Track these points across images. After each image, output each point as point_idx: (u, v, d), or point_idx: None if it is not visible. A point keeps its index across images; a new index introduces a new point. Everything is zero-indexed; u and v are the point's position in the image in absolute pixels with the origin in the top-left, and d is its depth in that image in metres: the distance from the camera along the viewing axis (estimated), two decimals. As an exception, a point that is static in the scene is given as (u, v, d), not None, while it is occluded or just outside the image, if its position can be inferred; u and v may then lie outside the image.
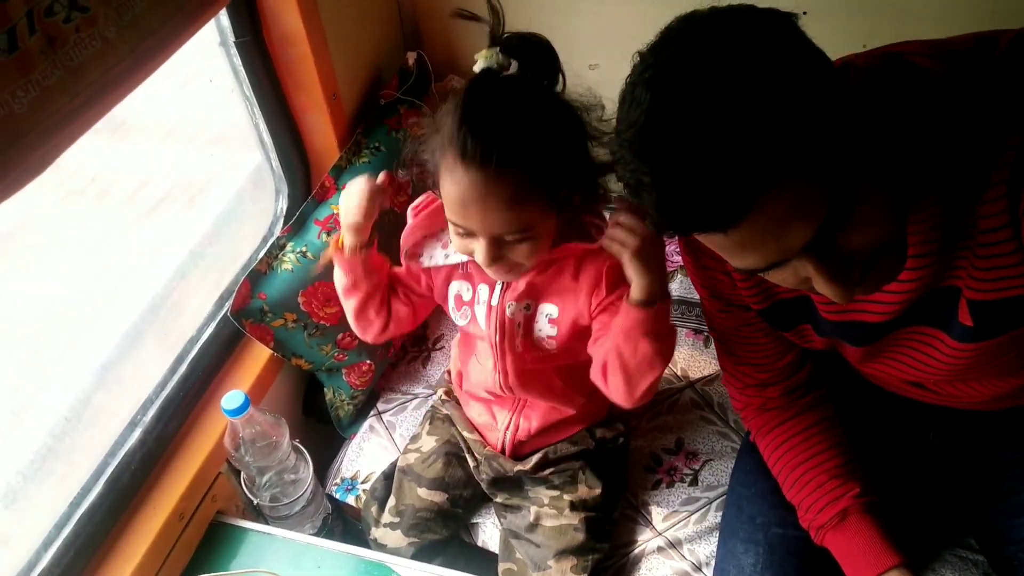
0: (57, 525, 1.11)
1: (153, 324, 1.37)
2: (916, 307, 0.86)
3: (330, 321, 1.41)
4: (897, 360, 0.96)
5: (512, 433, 1.27)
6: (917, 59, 0.75)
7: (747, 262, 0.71)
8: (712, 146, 0.61)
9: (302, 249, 1.38)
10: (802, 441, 1.06)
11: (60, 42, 0.72)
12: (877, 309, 0.88)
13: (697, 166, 0.62)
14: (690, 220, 0.66)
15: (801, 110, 0.61)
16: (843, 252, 0.69)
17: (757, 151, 0.61)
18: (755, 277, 0.95)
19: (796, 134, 0.61)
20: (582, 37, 1.64)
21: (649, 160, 0.64)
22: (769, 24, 0.63)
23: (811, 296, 0.94)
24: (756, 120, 0.60)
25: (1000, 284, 0.76)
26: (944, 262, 0.80)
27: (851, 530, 1.00)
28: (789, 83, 0.61)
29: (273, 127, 1.41)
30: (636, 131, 0.64)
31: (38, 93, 0.71)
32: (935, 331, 0.87)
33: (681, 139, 0.62)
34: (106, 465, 1.18)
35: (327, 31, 1.40)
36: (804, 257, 0.69)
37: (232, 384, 1.35)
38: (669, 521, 1.30)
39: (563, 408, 1.26)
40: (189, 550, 1.24)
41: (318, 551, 1.23)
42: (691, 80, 0.61)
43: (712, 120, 0.60)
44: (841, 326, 0.94)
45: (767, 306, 0.98)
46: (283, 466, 1.29)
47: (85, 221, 1.40)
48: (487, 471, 1.30)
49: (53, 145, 0.73)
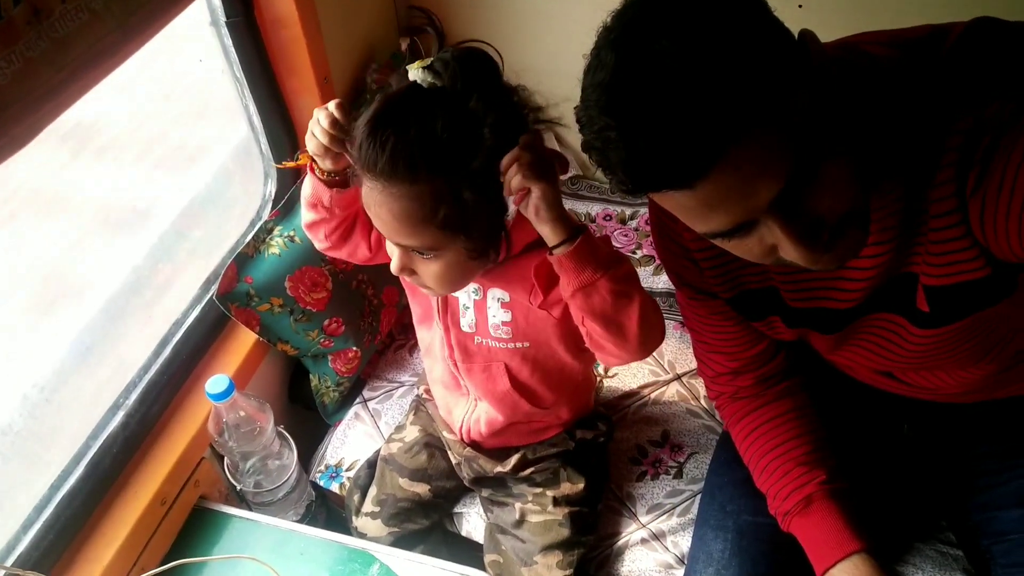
0: (37, 508, 1.09)
1: (138, 306, 1.35)
2: (878, 294, 0.87)
3: (317, 307, 1.40)
4: (864, 348, 0.97)
5: (467, 432, 1.25)
6: (870, 47, 0.77)
7: (712, 224, 0.70)
8: (679, 94, 0.61)
9: (290, 233, 1.37)
10: (772, 429, 1.06)
11: (46, 13, 0.71)
12: (841, 296, 0.89)
13: (665, 115, 0.62)
14: (658, 174, 0.65)
15: (766, 61, 0.62)
16: (810, 215, 0.69)
17: (724, 100, 0.61)
18: (721, 264, 0.95)
19: (762, 84, 0.62)
20: (577, 27, 1.63)
21: (615, 114, 0.64)
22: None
23: (777, 285, 0.94)
24: (722, 69, 0.61)
25: (952, 268, 0.78)
26: (902, 248, 0.81)
27: (815, 516, 1.01)
28: (754, 35, 0.63)
29: (263, 109, 1.39)
30: (602, 89, 0.65)
31: (22, 64, 0.70)
32: (897, 318, 0.88)
33: (648, 90, 0.62)
34: (88, 448, 1.16)
35: (320, 14, 1.38)
36: (771, 218, 0.68)
37: (217, 368, 1.34)
38: (653, 513, 1.30)
39: (502, 412, 1.19)
40: (171, 535, 1.23)
41: (301, 538, 1.22)
42: (656, 34, 0.62)
43: (678, 69, 0.61)
44: (807, 313, 0.95)
45: (733, 295, 0.98)
46: (267, 452, 1.28)
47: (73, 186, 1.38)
48: (467, 471, 1.29)
49: (38, 118, 0.72)
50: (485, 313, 1.08)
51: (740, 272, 0.96)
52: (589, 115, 0.67)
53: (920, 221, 0.77)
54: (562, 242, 0.89)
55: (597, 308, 0.91)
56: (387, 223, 0.90)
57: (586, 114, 0.68)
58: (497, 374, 1.15)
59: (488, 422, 1.22)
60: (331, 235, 1.10)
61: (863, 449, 1.14)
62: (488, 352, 1.13)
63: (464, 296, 1.08)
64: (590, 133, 0.68)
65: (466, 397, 1.23)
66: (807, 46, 0.68)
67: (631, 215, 1.82)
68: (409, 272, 0.96)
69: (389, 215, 0.88)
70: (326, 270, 1.42)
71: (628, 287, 0.92)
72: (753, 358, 1.07)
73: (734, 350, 1.07)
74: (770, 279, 0.95)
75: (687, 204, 0.69)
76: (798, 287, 0.92)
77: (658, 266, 1.70)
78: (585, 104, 0.68)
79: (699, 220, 0.71)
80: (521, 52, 1.70)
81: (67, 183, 1.40)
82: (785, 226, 0.68)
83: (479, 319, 1.09)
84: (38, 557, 1.06)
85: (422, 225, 0.88)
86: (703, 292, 1.02)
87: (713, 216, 0.69)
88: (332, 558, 1.20)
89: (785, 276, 0.92)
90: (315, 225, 1.10)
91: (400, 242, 0.92)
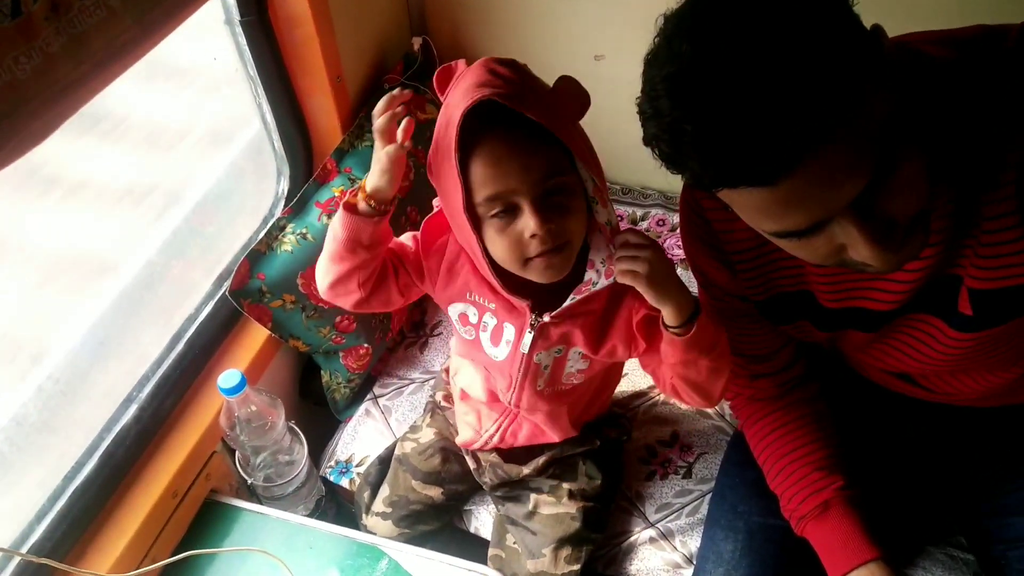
0: (51, 498, 1.11)
1: (151, 301, 1.37)
2: (918, 295, 0.86)
3: (328, 304, 1.41)
4: (895, 349, 0.96)
5: (498, 440, 1.24)
6: (924, 47, 0.75)
7: (787, 222, 0.68)
8: (768, 88, 0.58)
9: (302, 231, 1.38)
10: (789, 432, 1.06)
11: (65, 8, 0.72)
12: (881, 297, 0.88)
13: (751, 110, 0.59)
14: (740, 170, 0.63)
15: (852, 55, 0.60)
16: (885, 215, 0.67)
17: (816, 95, 0.58)
18: (757, 267, 0.94)
19: (851, 79, 0.59)
20: (588, 27, 1.64)
21: (692, 107, 0.61)
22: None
23: (811, 287, 0.93)
24: (813, 63, 0.58)
25: (1002, 272, 0.76)
26: (949, 251, 0.80)
27: (831, 522, 1.00)
28: (839, 28, 0.60)
29: (276, 108, 1.40)
30: (675, 81, 0.62)
31: (41, 60, 0.70)
32: (935, 320, 0.87)
33: (732, 82, 0.59)
34: (101, 440, 1.18)
35: (333, 13, 1.39)
36: (847, 218, 0.66)
37: (229, 363, 1.35)
38: (662, 513, 1.30)
39: (554, 433, 1.21)
40: (182, 528, 1.24)
41: (311, 532, 1.23)
42: (738, 25, 0.59)
43: (767, 61, 0.58)
44: (843, 314, 0.93)
45: (765, 298, 0.98)
46: (278, 447, 1.29)
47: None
48: (491, 477, 1.28)
49: (56, 113, 0.73)
50: (563, 367, 1.08)
51: (775, 275, 0.95)
52: (657, 107, 0.64)
53: (971, 223, 0.76)
54: (681, 324, 0.92)
55: (692, 378, 0.99)
56: (525, 155, 0.87)
57: (652, 106, 0.65)
58: (560, 414, 1.18)
59: (528, 438, 1.22)
60: (366, 283, 1.01)
61: (879, 454, 1.14)
62: (556, 397, 1.14)
63: (547, 357, 1.06)
64: (657, 126, 0.65)
65: (504, 413, 1.20)
66: (880, 42, 0.66)
67: (642, 216, 1.82)
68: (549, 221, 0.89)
69: (523, 146, 0.86)
70: (338, 267, 1.43)
71: (723, 363, 0.98)
72: (774, 362, 1.07)
73: (758, 353, 1.07)
74: (804, 282, 0.94)
75: (762, 201, 0.67)
76: (836, 287, 0.91)
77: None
78: (652, 95, 0.65)
79: (771, 218, 0.69)
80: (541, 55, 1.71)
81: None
82: (862, 226, 0.67)
83: (554, 374, 1.09)
84: (52, 546, 1.08)
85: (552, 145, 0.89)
86: (730, 294, 1.01)
87: (789, 214, 0.67)
88: (341, 552, 1.21)
89: (823, 276, 0.91)
90: (348, 276, 1.00)
91: (538, 174, 0.87)
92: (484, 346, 1.07)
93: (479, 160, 0.87)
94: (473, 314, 1.06)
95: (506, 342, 1.04)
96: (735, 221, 0.89)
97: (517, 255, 0.91)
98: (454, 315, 1.08)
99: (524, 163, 0.86)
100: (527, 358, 1.04)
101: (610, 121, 1.11)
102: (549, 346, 1.04)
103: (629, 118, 0.69)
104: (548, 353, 1.05)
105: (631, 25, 1.51)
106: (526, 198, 0.87)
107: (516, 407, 1.15)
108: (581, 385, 1.13)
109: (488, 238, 0.92)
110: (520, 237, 0.89)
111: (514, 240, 0.89)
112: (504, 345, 1.05)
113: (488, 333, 1.06)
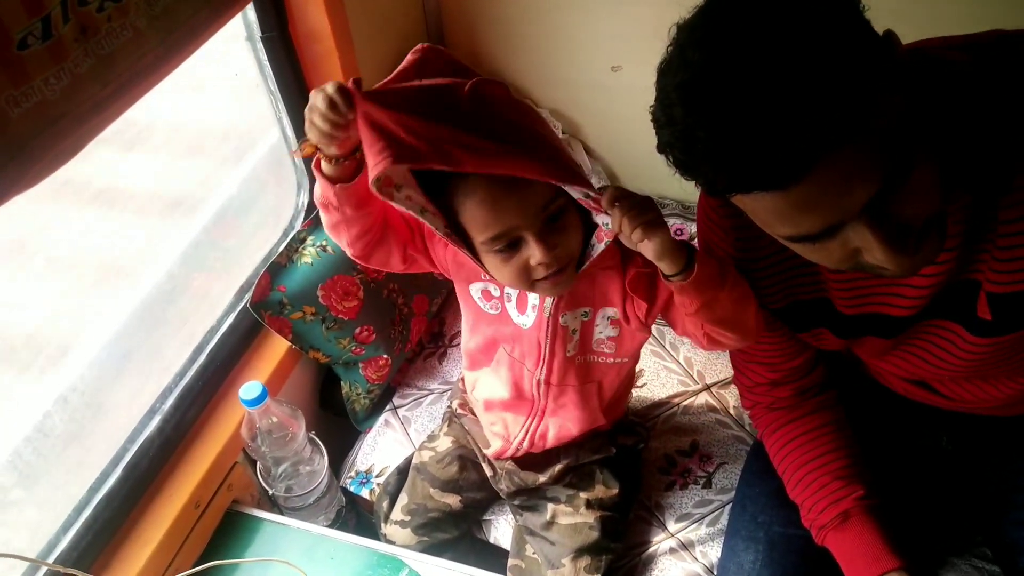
0: (76, 508, 1.13)
1: (174, 314, 1.38)
2: (936, 301, 0.85)
3: (348, 315, 1.42)
4: (913, 355, 0.96)
5: (527, 445, 1.23)
6: (940, 52, 0.75)
7: (801, 227, 0.68)
8: (780, 95, 0.59)
9: (322, 243, 1.40)
10: (809, 441, 1.05)
11: (93, 31, 0.74)
12: (899, 303, 0.88)
13: (763, 117, 0.59)
14: (752, 175, 0.63)
15: (865, 60, 0.60)
16: (899, 219, 0.67)
17: (828, 101, 0.58)
18: (775, 275, 0.94)
19: (864, 85, 0.60)
20: (606, 38, 1.65)
21: (704, 114, 0.62)
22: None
23: (829, 294, 0.93)
24: (824, 69, 0.58)
25: (1020, 276, 0.76)
26: (966, 255, 0.79)
27: (853, 531, 1.00)
28: (850, 34, 0.60)
29: (296, 122, 1.42)
30: (688, 89, 0.62)
31: (70, 80, 0.72)
32: (953, 325, 0.87)
33: (743, 90, 0.60)
34: (125, 452, 1.19)
35: (352, 28, 1.41)
36: (861, 222, 0.66)
37: (250, 375, 1.36)
38: (682, 523, 1.30)
39: (584, 422, 1.20)
40: (204, 538, 1.25)
41: (332, 542, 1.24)
42: (748, 33, 0.60)
43: (777, 69, 0.59)
44: (861, 320, 0.93)
45: (783, 306, 0.98)
46: (299, 457, 1.31)
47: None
48: (507, 484, 1.28)
49: (85, 132, 0.75)
50: (592, 331, 1.08)
51: (793, 283, 0.95)
52: (670, 115, 0.65)
53: (988, 228, 0.76)
54: (680, 271, 0.88)
55: (720, 316, 0.93)
56: (520, 191, 0.86)
57: (666, 114, 0.65)
58: (590, 393, 1.16)
59: (557, 436, 1.21)
60: (355, 242, 0.99)
61: (902, 463, 1.13)
62: (587, 371, 1.12)
63: (573, 320, 1.06)
64: (671, 133, 0.65)
65: (530, 413, 1.20)
66: (893, 47, 0.66)
67: (659, 225, 1.82)
68: (555, 247, 0.90)
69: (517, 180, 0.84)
70: (358, 279, 1.44)
71: (743, 289, 0.93)
72: (793, 370, 1.06)
73: (775, 361, 1.06)
74: (822, 289, 0.94)
75: (775, 206, 0.67)
76: (854, 293, 0.91)
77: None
78: (665, 103, 0.65)
79: (785, 222, 0.69)
80: (559, 66, 1.71)
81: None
82: (876, 230, 0.67)
83: (584, 340, 1.09)
84: (77, 556, 1.09)
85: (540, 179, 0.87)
86: None
87: (803, 219, 0.67)
88: (362, 563, 1.21)
89: (840, 283, 0.91)
90: (334, 229, 0.98)
91: (538, 203, 0.87)
92: (512, 315, 1.08)
93: (472, 203, 0.87)
94: (495, 288, 1.07)
95: (532, 307, 1.05)
96: (752, 229, 0.89)
97: (524, 279, 0.93)
98: (476, 294, 1.09)
99: (520, 198, 0.87)
100: (553, 320, 1.05)
101: (628, 130, 1.12)
102: (576, 305, 1.04)
103: (646, 127, 0.70)
104: (574, 315, 1.05)
105: (648, 35, 1.51)
106: (529, 231, 0.88)
107: (547, 384, 1.13)
108: (611, 368, 1.13)
109: (491, 266, 0.93)
110: (525, 264, 0.91)
111: (520, 268, 0.91)
112: (531, 311, 1.05)
113: (513, 303, 1.07)
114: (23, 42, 0.67)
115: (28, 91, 0.68)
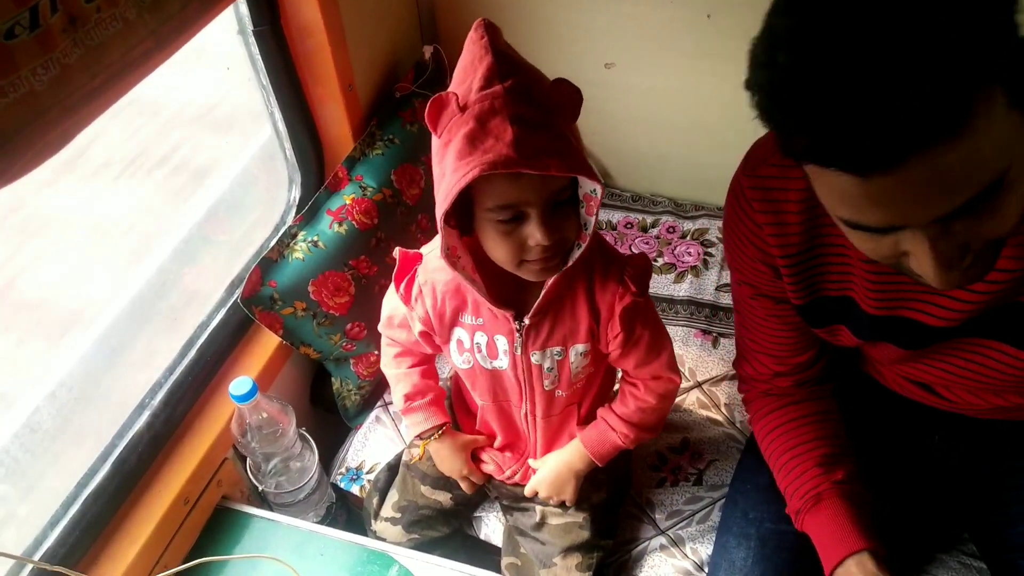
0: (64, 504, 1.12)
1: (163, 309, 1.38)
2: (979, 318, 0.83)
3: (339, 311, 1.41)
4: (942, 368, 0.94)
5: (519, 478, 1.26)
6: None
7: (864, 217, 0.63)
8: (897, 71, 0.52)
9: (314, 238, 1.39)
10: (795, 428, 1.05)
11: (82, 21, 0.73)
12: (937, 312, 0.85)
13: (871, 89, 0.53)
14: (835, 150, 0.57)
15: (999, 46, 0.54)
16: (960, 237, 0.63)
17: (947, 96, 0.52)
18: (803, 272, 0.93)
19: (987, 92, 0.54)
20: (599, 35, 1.65)
21: (811, 69, 0.55)
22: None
23: (855, 293, 0.91)
24: (960, 42, 0.51)
25: None
26: (1022, 279, 0.77)
27: (824, 513, 1.00)
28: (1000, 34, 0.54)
29: (288, 116, 1.41)
30: (798, 33, 0.56)
31: (59, 71, 0.71)
32: (996, 344, 0.85)
33: (860, 51, 0.53)
34: (113, 447, 1.19)
35: (345, 23, 1.40)
36: (922, 230, 0.62)
37: (240, 370, 1.36)
38: (672, 520, 1.30)
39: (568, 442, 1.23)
40: (193, 534, 1.24)
41: (322, 539, 1.24)
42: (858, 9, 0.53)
43: (905, 36, 0.52)
44: (887, 322, 0.91)
45: (807, 302, 0.96)
46: (289, 453, 1.30)
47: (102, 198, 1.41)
48: (495, 491, 1.31)
49: (73, 123, 0.74)
50: (567, 368, 1.10)
51: (820, 279, 0.93)
52: (772, 56, 0.57)
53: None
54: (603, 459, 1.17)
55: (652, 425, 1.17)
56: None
57: (767, 54, 0.58)
58: (570, 415, 1.20)
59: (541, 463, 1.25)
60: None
61: (888, 457, 1.13)
62: (567, 399, 1.16)
63: (548, 361, 1.08)
64: (766, 76, 0.58)
65: (524, 452, 1.26)
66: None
67: (652, 223, 1.82)
68: (556, 231, 0.91)
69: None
70: (349, 275, 1.44)
71: (656, 417, 1.17)
72: (799, 363, 1.06)
73: (783, 354, 1.06)
74: (849, 288, 0.92)
75: (847, 188, 0.61)
76: (887, 294, 0.88)
77: (680, 274, 1.70)
78: (770, 43, 0.58)
79: (849, 208, 0.64)
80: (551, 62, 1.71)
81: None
82: (933, 244, 0.62)
83: (561, 376, 1.10)
84: (64, 553, 1.08)
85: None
86: (764, 295, 1.00)
87: (871, 211, 0.62)
88: (352, 559, 1.21)
89: (875, 281, 0.87)
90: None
91: (551, 183, 0.88)
92: (484, 363, 1.10)
93: (494, 189, 0.88)
94: (466, 339, 1.09)
95: (503, 352, 1.08)
96: (785, 225, 0.89)
97: (515, 257, 0.94)
98: (453, 347, 1.11)
99: (542, 177, 0.87)
100: (525, 360, 1.07)
101: (620, 127, 1.11)
102: (543, 346, 1.06)
103: (639, 125, 0.69)
104: (544, 354, 1.07)
105: (641, 34, 1.52)
106: (536, 209, 0.89)
107: (533, 416, 1.17)
108: (586, 381, 1.15)
109: (487, 236, 0.94)
110: (523, 242, 0.92)
111: (516, 244, 0.93)
112: (503, 355, 1.08)
113: (484, 352, 1.09)
114: (10, 32, 0.66)
115: (16, 81, 0.67)
